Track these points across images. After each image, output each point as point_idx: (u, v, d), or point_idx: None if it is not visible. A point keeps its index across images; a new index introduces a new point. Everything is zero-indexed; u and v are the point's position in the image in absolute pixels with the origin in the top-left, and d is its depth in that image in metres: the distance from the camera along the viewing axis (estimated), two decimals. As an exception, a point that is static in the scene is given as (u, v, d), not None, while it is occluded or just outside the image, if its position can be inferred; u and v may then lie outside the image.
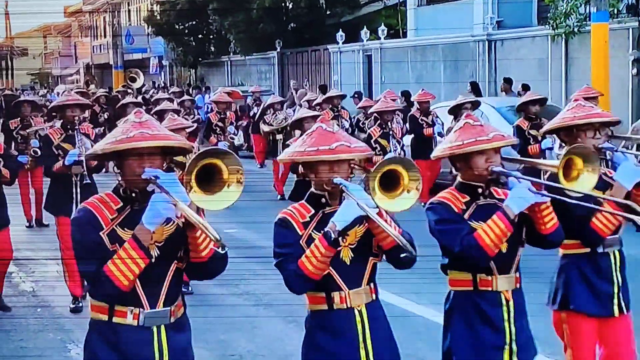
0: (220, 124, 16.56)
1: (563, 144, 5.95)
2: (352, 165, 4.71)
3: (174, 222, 4.38)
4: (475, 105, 13.69)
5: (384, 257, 4.72)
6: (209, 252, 4.43)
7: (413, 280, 6.62)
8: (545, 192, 4.91)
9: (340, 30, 32.46)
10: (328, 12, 36.74)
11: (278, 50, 37.48)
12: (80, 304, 9.44)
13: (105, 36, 63.73)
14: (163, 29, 45.32)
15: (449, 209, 4.96)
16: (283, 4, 36.46)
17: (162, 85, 43.58)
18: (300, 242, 4.60)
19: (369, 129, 16.93)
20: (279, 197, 17.07)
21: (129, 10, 61.79)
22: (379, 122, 13.14)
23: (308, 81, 33.26)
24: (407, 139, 15.47)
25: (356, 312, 4.66)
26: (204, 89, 36.34)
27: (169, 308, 4.48)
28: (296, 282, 4.57)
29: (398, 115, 14.83)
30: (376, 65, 30.69)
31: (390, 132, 13.02)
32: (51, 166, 9.57)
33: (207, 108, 26.27)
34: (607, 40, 18.40)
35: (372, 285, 4.75)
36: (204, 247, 4.40)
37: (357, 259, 4.66)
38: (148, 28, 49.36)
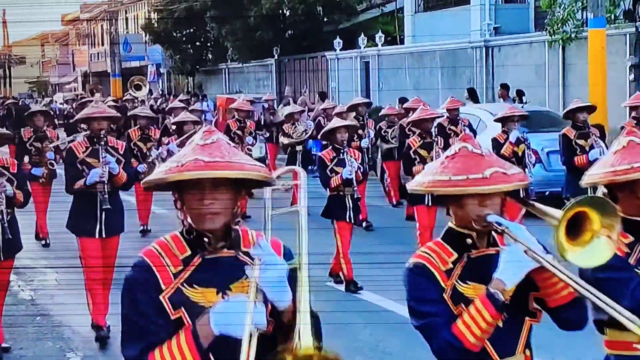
0: (239, 132, 15.98)
1: None
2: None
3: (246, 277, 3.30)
4: (524, 118, 12.38)
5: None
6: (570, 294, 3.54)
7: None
8: None
9: (338, 37, 32.51)
10: (325, 19, 36.78)
11: (276, 57, 37.53)
12: (104, 331, 8.69)
13: (102, 44, 63.75)
14: (160, 37, 45.37)
15: None
16: (280, 12, 36.51)
17: (160, 93, 43.61)
18: (445, 296, 3.62)
19: (392, 138, 16.24)
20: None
21: (127, 18, 61.85)
22: (419, 131, 11.77)
23: (307, 88, 33.28)
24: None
25: None
26: (201, 96, 36.38)
27: None
28: (453, 355, 3.56)
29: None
30: (374, 71, 30.73)
31: (434, 141, 11.69)
32: (72, 183, 8.77)
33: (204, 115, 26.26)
34: (604, 46, 18.44)
35: (528, 352, 3.75)
36: (561, 285, 3.52)
37: (512, 319, 3.65)
38: (145, 36, 49.44)
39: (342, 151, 10.50)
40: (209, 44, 44.90)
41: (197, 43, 45.25)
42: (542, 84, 22.74)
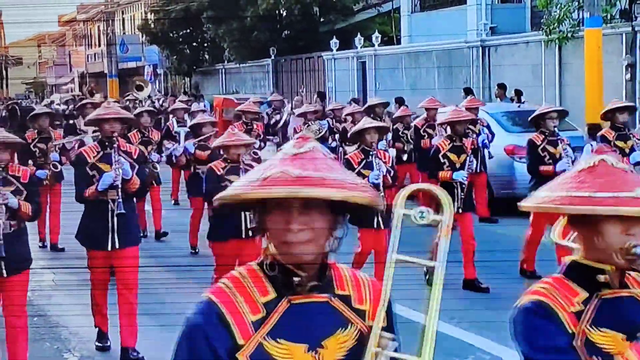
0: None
1: None
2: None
3: (352, 326, 2.72)
4: (563, 115, 11.37)
5: None
6: None
7: (408, 287, 6.63)
8: None
9: (334, 37, 32.52)
10: (322, 20, 36.83)
11: (272, 57, 37.55)
12: (108, 343, 8.48)
13: (99, 45, 63.81)
14: (157, 38, 45.39)
15: None
16: (277, 12, 36.54)
17: (162, 93, 43.63)
18: (576, 344, 2.87)
19: (413, 139, 15.61)
20: None
21: (123, 19, 61.87)
22: (448, 134, 10.99)
23: (303, 88, 33.26)
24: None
25: None
26: (198, 97, 36.39)
27: None
28: None
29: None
30: (370, 72, 30.74)
31: (463, 145, 10.78)
32: (83, 190, 8.13)
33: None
34: (601, 45, 18.44)
35: None
36: None
37: None
38: (142, 36, 49.52)
39: (370, 153, 9.71)
40: (205, 45, 44.93)
41: (194, 44, 45.29)
42: (539, 84, 22.74)
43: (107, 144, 8.22)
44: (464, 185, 10.44)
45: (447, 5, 29.99)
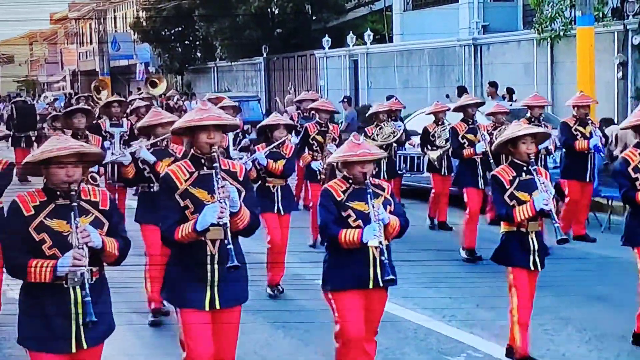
0: (319, 137, 12.59)
1: None
2: None
3: None
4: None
5: None
6: None
7: (400, 285, 6.63)
8: None
9: (327, 35, 32.55)
10: (314, 18, 36.84)
11: (264, 55, 37.55)
12: None
13: (91, 43, 63.76)
14: (149, 36, 45.34)
15: None
16: (269, 10, 36.54)
17: (178, 91, 43.62)
18: None
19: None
20: None
21: (115, 17, 61.78)
22: (637, 141, 8.19)
23: (291, 86, 33.23)
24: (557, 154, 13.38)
25: None
26: (190, 95, 36.36)
27: None
28: None
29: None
30: (362, 70, 30.76)
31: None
32: (172, 229, 5.73)
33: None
34: (593, 43, 18.48)
35: None
36: None
37: None
38: (134, 34, 49.46)
39: (525, 169, 7.34)
40: (197, 43, 44.90)
41: (186, 42, 45.24)
42: (531, 82, 22.78)
43: (204, 161, 5.86)
44: None
45: (440, 3, 30.03)
